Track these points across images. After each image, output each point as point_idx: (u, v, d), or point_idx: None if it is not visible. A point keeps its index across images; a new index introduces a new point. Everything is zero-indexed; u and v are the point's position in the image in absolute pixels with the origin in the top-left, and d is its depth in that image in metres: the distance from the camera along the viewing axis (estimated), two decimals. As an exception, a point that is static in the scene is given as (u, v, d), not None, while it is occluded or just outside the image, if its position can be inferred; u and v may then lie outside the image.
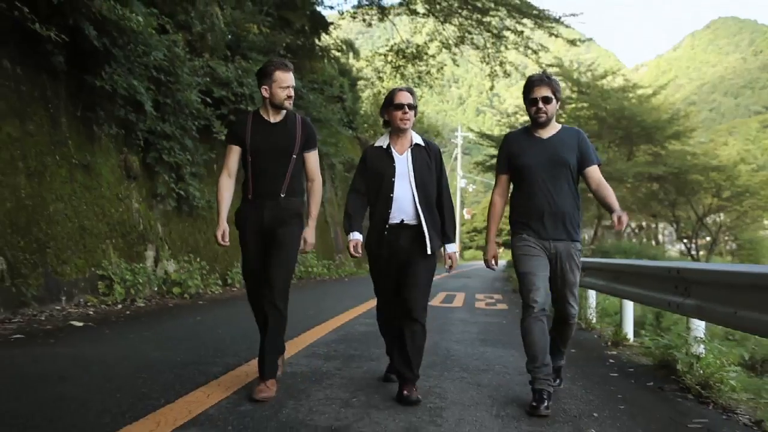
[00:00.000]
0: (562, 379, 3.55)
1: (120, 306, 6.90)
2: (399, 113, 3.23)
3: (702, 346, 3.81)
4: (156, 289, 8.03)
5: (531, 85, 3.24)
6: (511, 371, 4.02)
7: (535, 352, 3.08)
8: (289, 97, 3.24)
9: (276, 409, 2.87)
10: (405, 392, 3.09)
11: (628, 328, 5.65)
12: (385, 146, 3.32)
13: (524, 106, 3.33)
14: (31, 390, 3.08)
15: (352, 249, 3.27)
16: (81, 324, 5.47)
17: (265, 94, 3.23)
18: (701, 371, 3.53)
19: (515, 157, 3.30)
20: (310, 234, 3.33)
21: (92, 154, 7.48)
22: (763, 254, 36.40)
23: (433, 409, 2.97)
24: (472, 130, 31.20)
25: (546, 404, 2.96)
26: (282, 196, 3.23)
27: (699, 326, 4.01)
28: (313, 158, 3.40)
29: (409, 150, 3.29)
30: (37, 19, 5.85)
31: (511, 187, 3.42)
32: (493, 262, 3.42)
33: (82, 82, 7.21)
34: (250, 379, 3.39)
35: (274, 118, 3.29)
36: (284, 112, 3.30)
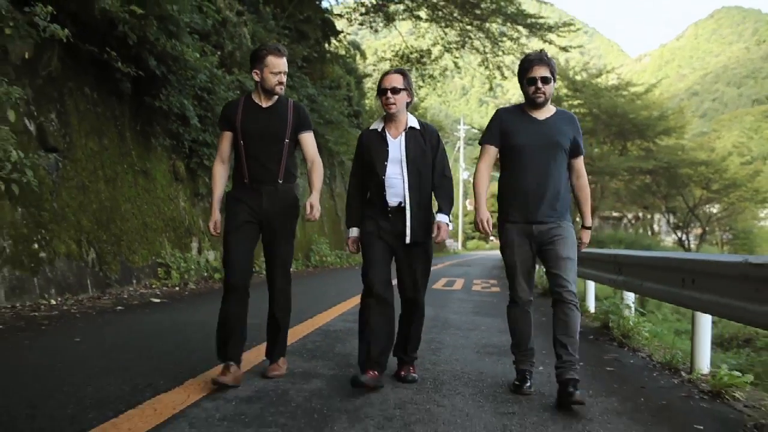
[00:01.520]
0: (580, 392, 2.92)
1: (177, 288, 8.38)
2: (383, 98, 3.20)
3: (629, 310, 5.26)
4: (205, 274, 9.52)
5: (529, 64, 3.14)
6: (493, 330, 5.48)
7: (519, 340, 3.26)
8: (280, 83, 3.21)
9: (330, 347, 4.33)
10: (402, 373, 3.33)
11: (590, 302, 7.11)
12: (379, 129, 3.29)
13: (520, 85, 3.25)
14: (163, 338, 4.56)
15: (351, 245, 3.37)
16: (158, 300, 6.95)
17: (257, 78, 3.21)
18: (625, 327, 4.98)
19: (509, 135, 3.20)
20: (315, 200, 3.27)
21: (150, 162, 8.94)
22: (757, 244, 37.70)
23: (433, 349, 4.43)
24: (473, 127, 32.48)
25: (528, 383, 3.21)
26: (280, 182, 3.23)
27: (629, 296, 5.46)
28: (309, 140, 3.37)
29: (404, 133, 3.23)
30: (119, 58, 7.27)
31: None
32: (485, 223, 3.21)
33: (142, 102, 8.65)
34: (307, 331, 4.84)
35: (265, 103, 3.26)
36: (276, 97, 3.28)
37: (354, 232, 3.35)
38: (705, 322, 3.78)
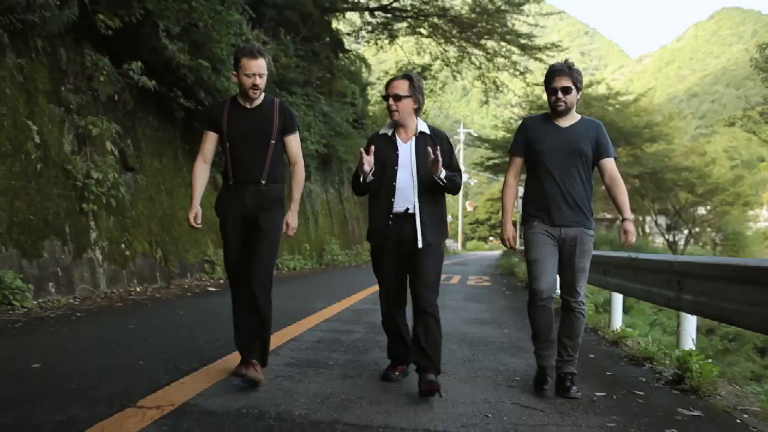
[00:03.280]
0: (576, 388, 3.25)
1: (222, 281, 10.14)
2: (387, 105, 3.23)
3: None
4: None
5: (552, 74, 3.27)
6: (478, 311, 7.24)
7: (539, 333, 3.32)
8: (255, 85, 3.15)
9: (359, 318, 6.08)
10: (424, 386, 3.01)
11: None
12: (390, 134, 3.29)
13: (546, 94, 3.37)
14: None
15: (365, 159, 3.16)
16: (213, 289, 8.71)
17: (235, 79, 3.21)
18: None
19: (533, 142, 3.32)
20: (292, 218, 3.30)
21: (196, 176, 10.71)
22: (746, 245, 39.36)
23: (433, 320, 6.18)
24: (470, 135, 34.18)
25: (550, 383, 3.27)
26: (263, 183, 3.20)
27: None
28: (294, 142, 3.35)
29: (414, 138, 3.23)
30: (182, 94, 9.03)
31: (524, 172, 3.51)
32: (511, 241, 3.44)
33: (190, 126, 10.41)
34: (339, 309, 6.59)
35: (249, 104, 3.25)
36: (261, 98, 3.26)
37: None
38: (617, 297, 5.54)
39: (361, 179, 3.22)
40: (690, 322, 3.94)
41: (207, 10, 8.86)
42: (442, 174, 3.10)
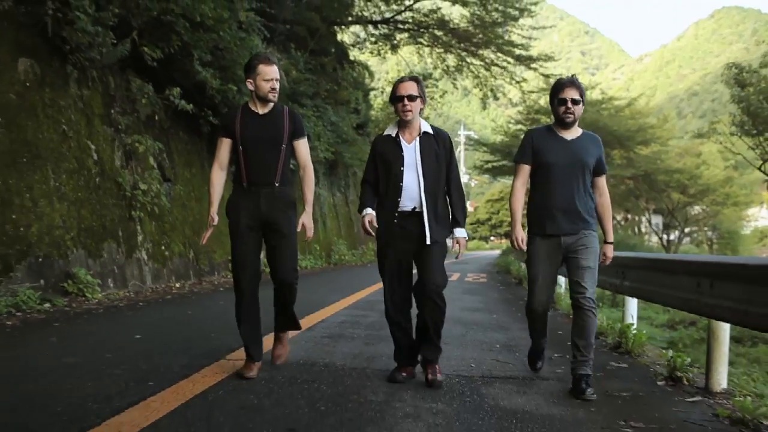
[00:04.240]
0: (592, 390, 3.27)
1: (245, 278, 11.30)
2: (399, 105, 3.28)
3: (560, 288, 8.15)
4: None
5: (561, 86, 3.39)
6: (475, 302, 8.38)
7: (533, 333, 3.78)
8: (273, 89, 3.34)
9: (371, 306, 7.22)
10: (429, 376, 3.37)
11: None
12: (393, 135, 3.37)
13: (551, 106, 3.47)
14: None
15: (366, 224, 3.34)
16: (240, 285, 9.85)
17: (251, 87, 3.36)
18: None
19: (540, 153, 3.42)
20: (308, 220, 3.43)
21: (220, 184, 11.87)
22: (740, 243, 40.38)
23: (434, 309, 7.33)
24: (471, 138, 35.28)
25: (540, 364, 3.87)
26: (277, 185, 3.36)
27: (560, 279, 8.34)
28: (303, 146, 3.50)
29: (418, 139, 3.33)
30: (211, 113, 10.19)
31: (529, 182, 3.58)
32: (521, 242, 3.49)
33: (213, 138, 11.52)
34: (354, 300, 7.73)
35: (262, 110, 3.41)
36: (272, 104, 3.42)
37: (369, 210, 3.40)
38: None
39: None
40: (632, 304, 5.07)
41: (233, 38, 10.02)
42: (467, 239, 3.43)
